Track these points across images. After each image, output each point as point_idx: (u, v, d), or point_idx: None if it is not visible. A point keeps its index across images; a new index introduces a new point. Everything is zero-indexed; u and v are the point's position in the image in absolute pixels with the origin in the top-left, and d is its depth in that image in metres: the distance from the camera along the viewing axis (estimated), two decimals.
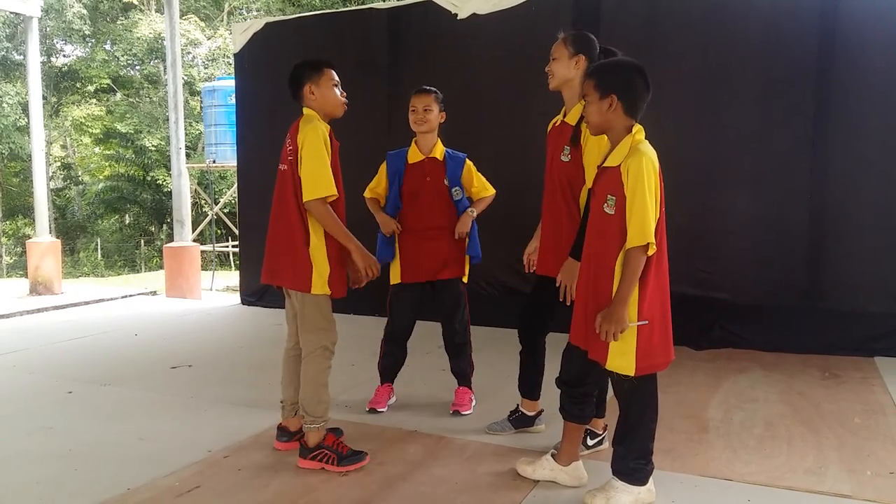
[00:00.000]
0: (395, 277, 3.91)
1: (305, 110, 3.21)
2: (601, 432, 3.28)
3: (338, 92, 3.24)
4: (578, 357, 2.78)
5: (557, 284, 3.07)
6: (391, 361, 4.02)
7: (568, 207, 3.15)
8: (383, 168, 3.97)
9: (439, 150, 3.88)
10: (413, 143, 3.91)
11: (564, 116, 3.27)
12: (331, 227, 3.10)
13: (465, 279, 3.94)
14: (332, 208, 3.12)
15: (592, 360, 2.70)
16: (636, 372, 2.58)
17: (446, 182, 3.84)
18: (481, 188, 3.93)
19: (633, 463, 2.69)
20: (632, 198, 2.50)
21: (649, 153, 2.55)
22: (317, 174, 3.04)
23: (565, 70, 3.18)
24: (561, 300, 3.08)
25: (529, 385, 3.51)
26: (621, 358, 2.58)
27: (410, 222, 3.84)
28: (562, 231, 3.14)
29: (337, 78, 3.26)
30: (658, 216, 2.55)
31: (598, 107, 2.62)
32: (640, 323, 2.55)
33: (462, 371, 3.97)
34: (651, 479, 2.73)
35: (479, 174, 3.94)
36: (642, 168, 2.49)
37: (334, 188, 3.07)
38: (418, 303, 3.93)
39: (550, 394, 3.48)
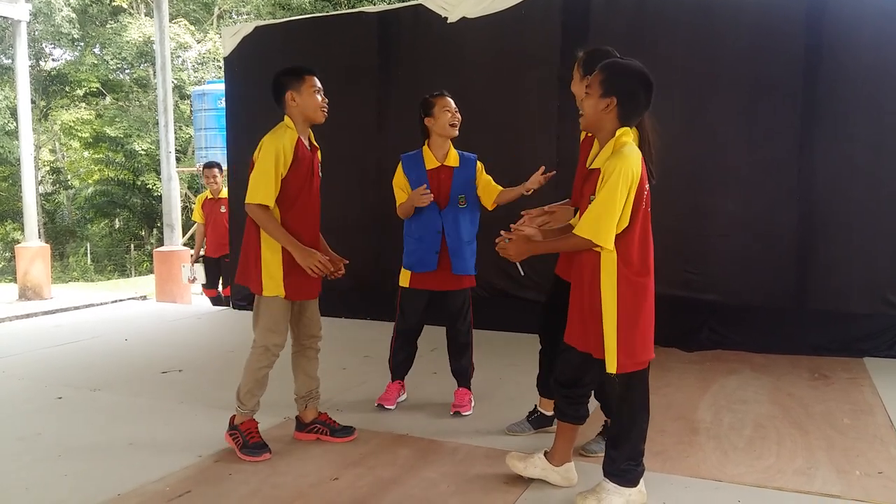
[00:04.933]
0: (404, 281, 3.95)
1: (285, 118, 3.32)
2: None
3: (319, 98, 3.32)
4: (575, 358, 2.78)
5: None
6: (403, 357, 4.08)
7: None
8: (400, 170, 3.91)
9: (453, 157, 3.85)
10: (427, 147, 3.85)
11: None
12: (268, 229, 3.22)
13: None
14: (291, 215, 3.25)
15: (589, 361, 2.72)
16: (618, 369, 2.61)
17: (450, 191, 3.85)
18: (493, 190, 3.88)
19: (624, 464, 2.70)
20: (598, 196, 2.55)
21: (631, 157, 2.55)
22: (257, 181, 3.18)
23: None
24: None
25: (549, 385, 3.52)
26: (606, 356, 2.62)
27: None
28: None
29: (319, 84, 3.33)
30: (633, 222, 2.56)
31: (597, 103, 2.62)
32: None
33: (463, 371, 3.99)
34: (642, 481, 2.74)
35: (489, 179, 3.93)
36: (617, 171, 2.51)
37: (271, 199, 3.20)
38: (427, 304, 3.96)
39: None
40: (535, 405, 3.61)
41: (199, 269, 7.88)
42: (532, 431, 3.56)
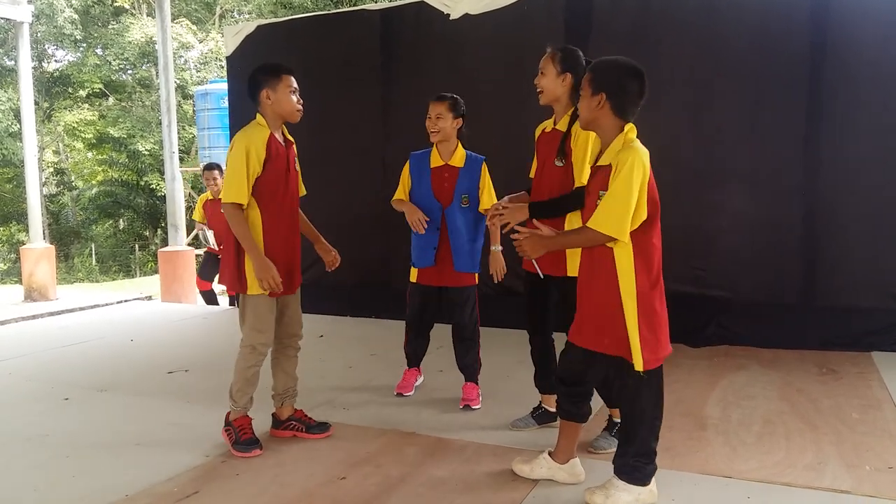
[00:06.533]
0: (412, 276, 4.07)
1: (258, 116, 3.31)
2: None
3: (294, 98, 3.31)
4: (578, 356, 2.77)
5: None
6: (416, 346, 4.23)
7: None
8: (406, 169, 4.02)
9: (459, 157, 3.90)
10: (434, 147, 3.95)
11: (556, 124, 3.36)
12: (237, 231, 3.22)
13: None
14: (270, 212, 3.25)
15: (593, 359, 2.71)
16: (644, 366, 2.60)
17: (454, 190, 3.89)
18: (487, 198, 3.89)
19: (633, 461, 2.68)
20: (611, 188, 2.55)
21: (642, 151, 2.58)
22: (230, 180, 3.19)
23: (554, 87, 3.28)
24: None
25: (547, 381, 3.54)
26: (633, 356, 2.61)
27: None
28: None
29: (295, 85, 3.33)
30: (647, 215, 2.57)
31: (589, 102, 2.68)
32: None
33: (470, 366, 4.03)
34: (654, 480, 2.73)
35: (489, 184, 3.93)
36: (629, 163, 2.52)
37: (244, 196, 3.19)
38: (434, 299, 4.06)
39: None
40: (539, 402, 3.63)
41: (211, 235, 7.68)
42: (536, 427, 3.57)
